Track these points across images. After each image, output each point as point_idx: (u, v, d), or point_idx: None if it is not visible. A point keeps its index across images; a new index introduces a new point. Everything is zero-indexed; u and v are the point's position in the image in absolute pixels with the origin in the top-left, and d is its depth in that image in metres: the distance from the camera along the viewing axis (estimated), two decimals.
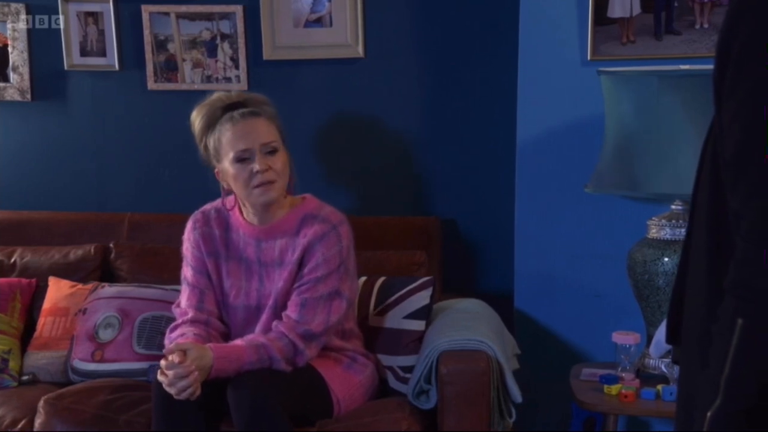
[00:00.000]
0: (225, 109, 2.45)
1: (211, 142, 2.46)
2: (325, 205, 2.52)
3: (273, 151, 2.42)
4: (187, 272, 2.54)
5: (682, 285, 1.40)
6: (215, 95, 2.51)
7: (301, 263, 2.44)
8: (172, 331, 2.47)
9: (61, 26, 3.28)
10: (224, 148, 2.42)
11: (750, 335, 1.15)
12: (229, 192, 2.50)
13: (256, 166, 2.38)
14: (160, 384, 2.26)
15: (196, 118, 2.49)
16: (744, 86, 1.18)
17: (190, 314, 2.47)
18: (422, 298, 2.69)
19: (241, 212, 2.52)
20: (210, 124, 2.46)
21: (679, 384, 1.40)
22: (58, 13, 3.28)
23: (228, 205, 2.54)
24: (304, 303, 2.40)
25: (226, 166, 2.43)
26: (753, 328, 1.15)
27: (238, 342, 2.36)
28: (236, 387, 2.26)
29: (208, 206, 2.59)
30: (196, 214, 2.58)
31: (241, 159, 2.40)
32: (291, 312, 2.41)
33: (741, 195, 1.18)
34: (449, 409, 2.40)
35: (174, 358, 2.21)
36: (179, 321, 2.48)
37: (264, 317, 2.46)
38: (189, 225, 2.57)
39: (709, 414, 1.19)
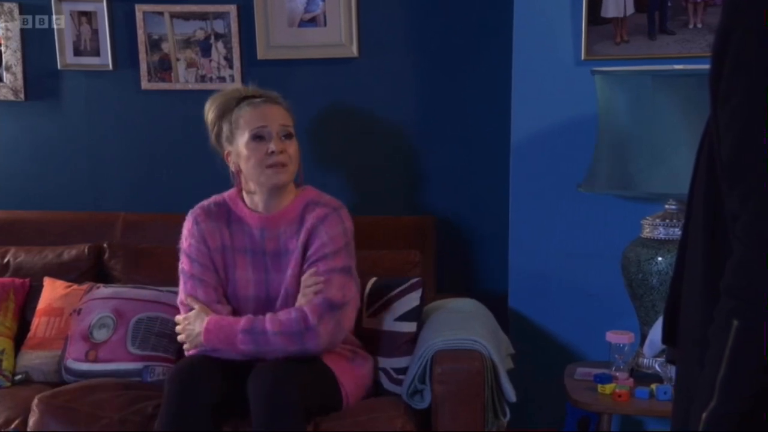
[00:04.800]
0: (241, 100, 2.51)
1: (226, 126, 2.50)
2: (324, 194, 2.58)
3: (289, 136, 2.49)
4: (192, 268, 2.51)
5: (678, 285, 1.40)
6: (232, 87, 2.61)
7: (305, 248, 2.46)
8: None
9: (55, 27, 3.27)
10: (240, 128, 2.47)
11: (745, 336, 1.16)
12: (237, 176, 2.52)
13: (272, 146, 2.44)
14: (172, 382, 2.30)
15: (211, 107, 2.56)
16: (741, 88, 1.18)
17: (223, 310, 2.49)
18: (413, 300, 2.69)
19: (244, 201, 2.52)
20: (225, 112, 2.51)
21: (676, 384, 1.40)
22: (51, 13, 3.27)
23: (231, 192, 2.55)
24: (316, 275, 2.41)
25: (240, 146, 2.47)
26: (748, 330, 1.15)
27: (246, 316, 2.42)
28: (256, 378, 2.28)
29: (205, 202, 2.59)
30: (195, 210, 2.57)
31: (258, 137, 2.44)
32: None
33: (737, 196, 1.18)
34: (443, 409, 2.40)
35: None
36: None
37: (277, 307, 2.47)
38: (189, 221, 2.56)
39: (704, 415, 1.19)
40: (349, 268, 2.46)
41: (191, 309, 2.47)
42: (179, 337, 2.49)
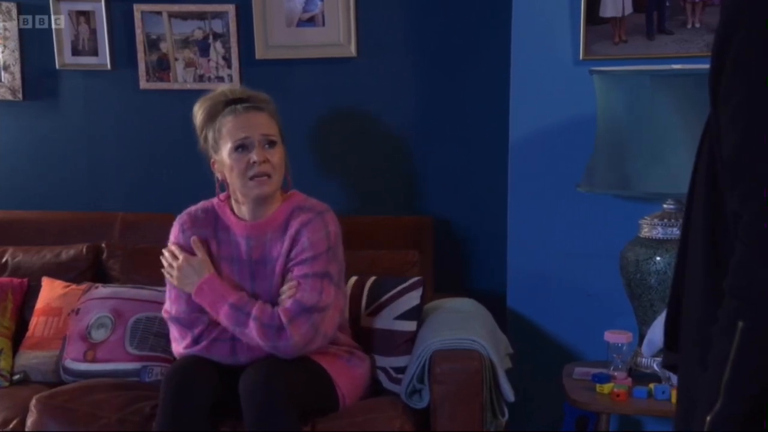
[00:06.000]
0: (227, 104, 2.47)
1: (210, 134, 2.47)
2: (310, 198, 2.55)
3: (272, 144, 2.44)
4: None
5: (678, 288, 1.40)
6: (219, 89, 2.54)
7: (289, 254, 2.44)
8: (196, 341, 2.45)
9: (54, 27, 3.27)
10: (223, 138, 2.43)
11: (750, 337, 1.15)
12: (223, 185, 2.51)
13: (254, 157, 2.40)
14: (168, 384, 2.30)
15: (199, 110, 2.51)
16: (742, 87, 1.18)
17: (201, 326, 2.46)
18: (413, 299, 2.69)
19: (231, 208, 2.52)
20: (211, 117, 2.47)
21: (679, 386, 1.40)
22: (49, 12, 3.27)
23: (221, 198, 2.53)
24: (291, 276, 2.41)
25: (224, 156, 2.44)
26: (753, 330, 1.15)
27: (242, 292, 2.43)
28: (247, 376, 2.28)
29: (193, 208, 2.57)
30: (182, 216, 2.56)
31: (240, 147, 2.41)
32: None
33: (738, 196, 1.18)
34: (442, 409, 2.40)
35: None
36: (198, 332, 2.45)
37: None
38: (176, 228, 2.55)
39: (709, 417, 1.18)
40: (326, 273, 2.41)
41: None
42: (167, 270, 2.48)
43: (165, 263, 2.50)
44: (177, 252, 2.49)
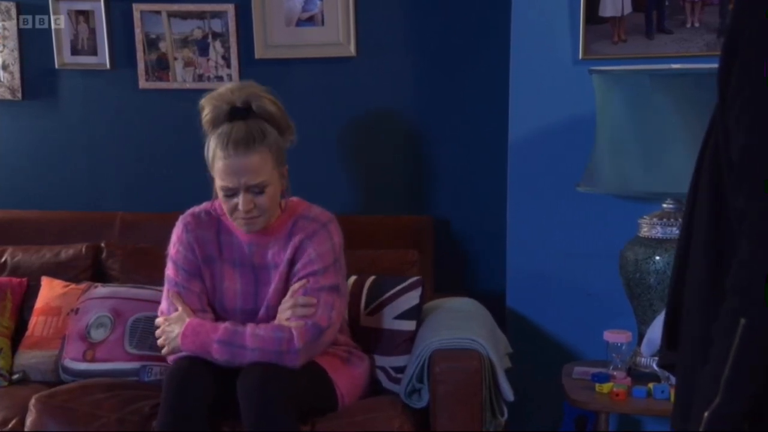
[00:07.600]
0: (230, 113, 2.38)
1: (210, 147, 2.40)
2: (314, 206, 2.52)
3: (261, 191, 2.36)
4: (177, 276, 2.50)
5: (678, 287, 1.39)
6: (226, 87, 2.43)
7: (292, 263, 2.43)
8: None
9: (53, 26, 3.27)
10: (215, 170, 2.38)
11: (752, 336, 1.16)
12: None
13: (240, 205, 2.35)
14: (169, 383, 2.30)
15: (205, 108, 2.42)
16: (750, 87, 1.19)
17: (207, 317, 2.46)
18: (412, 299, 2.69)
19: None
20: (214, 123, 2.39)
21: (678, 383, 1.40)
22: (49, 12, 3.27)
23: (219, 209, 2.52)
24: (306, 292, 2.38)
25: (217, 183, 2.40)
26: (755, 329, 1.15)
27: (225, 324, 2.38)
28: (245, 376, 2.28)
29: (197, 208, 2.55)
30: (186, 216, 2.54)
31: (227, 194, 2.36)
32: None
33: (746, 195, 1.18)
34: (441, 408, 2.40)
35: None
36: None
37: (259, 319, 2.45)
38: (179, 227, 2.53)
39: (706, 414, 1.19)
40: (337, 286, 2.41)
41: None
42: (158, 342, 2.45)
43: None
44: (157, 321, 2.47)
